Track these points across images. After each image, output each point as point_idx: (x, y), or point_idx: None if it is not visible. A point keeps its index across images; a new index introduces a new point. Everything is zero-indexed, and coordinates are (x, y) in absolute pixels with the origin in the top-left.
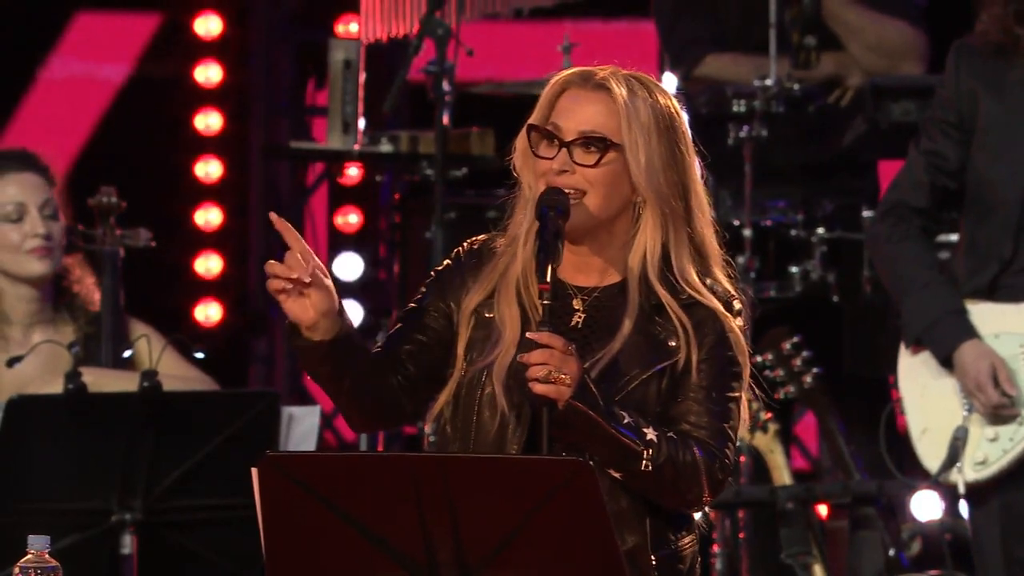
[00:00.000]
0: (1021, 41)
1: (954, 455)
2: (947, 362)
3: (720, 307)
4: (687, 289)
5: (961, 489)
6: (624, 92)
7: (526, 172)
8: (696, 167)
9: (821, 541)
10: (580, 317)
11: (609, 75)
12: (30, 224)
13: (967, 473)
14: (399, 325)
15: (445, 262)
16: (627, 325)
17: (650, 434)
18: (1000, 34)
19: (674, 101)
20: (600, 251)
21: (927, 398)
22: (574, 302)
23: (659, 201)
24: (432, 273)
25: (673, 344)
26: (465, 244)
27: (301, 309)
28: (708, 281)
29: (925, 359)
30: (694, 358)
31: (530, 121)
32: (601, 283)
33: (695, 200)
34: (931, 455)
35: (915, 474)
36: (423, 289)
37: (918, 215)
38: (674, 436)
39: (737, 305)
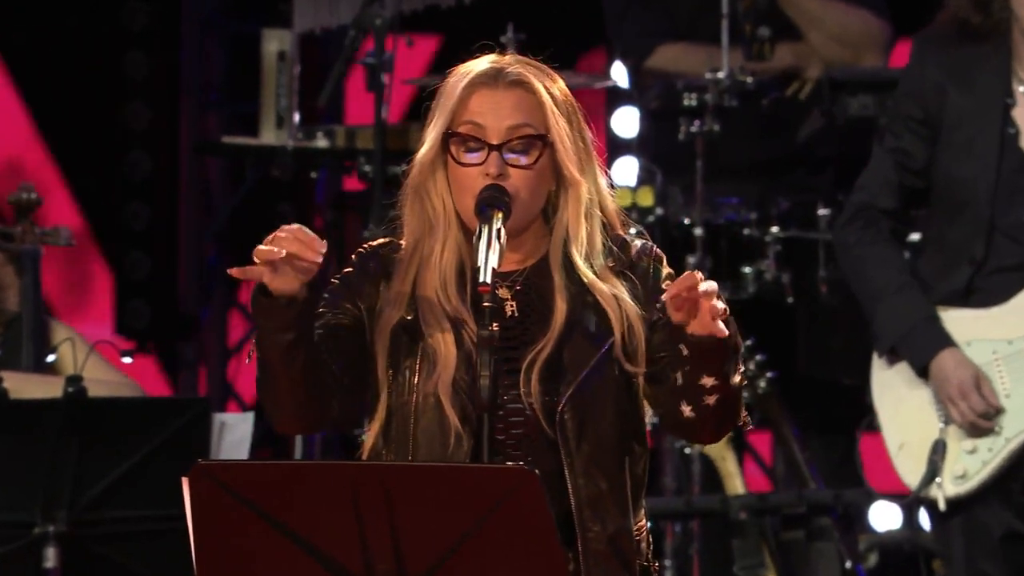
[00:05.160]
0: (986, 30)
1: (933, 470)
2: (923, 371)
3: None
4: (607, 267)
5: (942, 505)
6: (539, 84)
7: (433, 184)
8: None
9: (775, 552)
10: (512, 305)
11: (520, 68)
12: None
13: (947, 488)
14: (318, 331)
15: (346, 269)
16: (560, 305)
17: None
18: (966, 22)
19: (562, 82)
20: (519, 237)
21: (902, 411)
22: (500, 291)
23: (581, 186)
24: (335, 280)
25: (609, 321)
26: (361, 250)
27: (287, 282)
28: (625, 241)
29: (899, 370)
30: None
31: (444, 128)
32: (522, 266)
33: (600, 175)
34: (910, 471)
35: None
36: (326, 295)
37: (887, 216)
38: None
39: (651, 244)
